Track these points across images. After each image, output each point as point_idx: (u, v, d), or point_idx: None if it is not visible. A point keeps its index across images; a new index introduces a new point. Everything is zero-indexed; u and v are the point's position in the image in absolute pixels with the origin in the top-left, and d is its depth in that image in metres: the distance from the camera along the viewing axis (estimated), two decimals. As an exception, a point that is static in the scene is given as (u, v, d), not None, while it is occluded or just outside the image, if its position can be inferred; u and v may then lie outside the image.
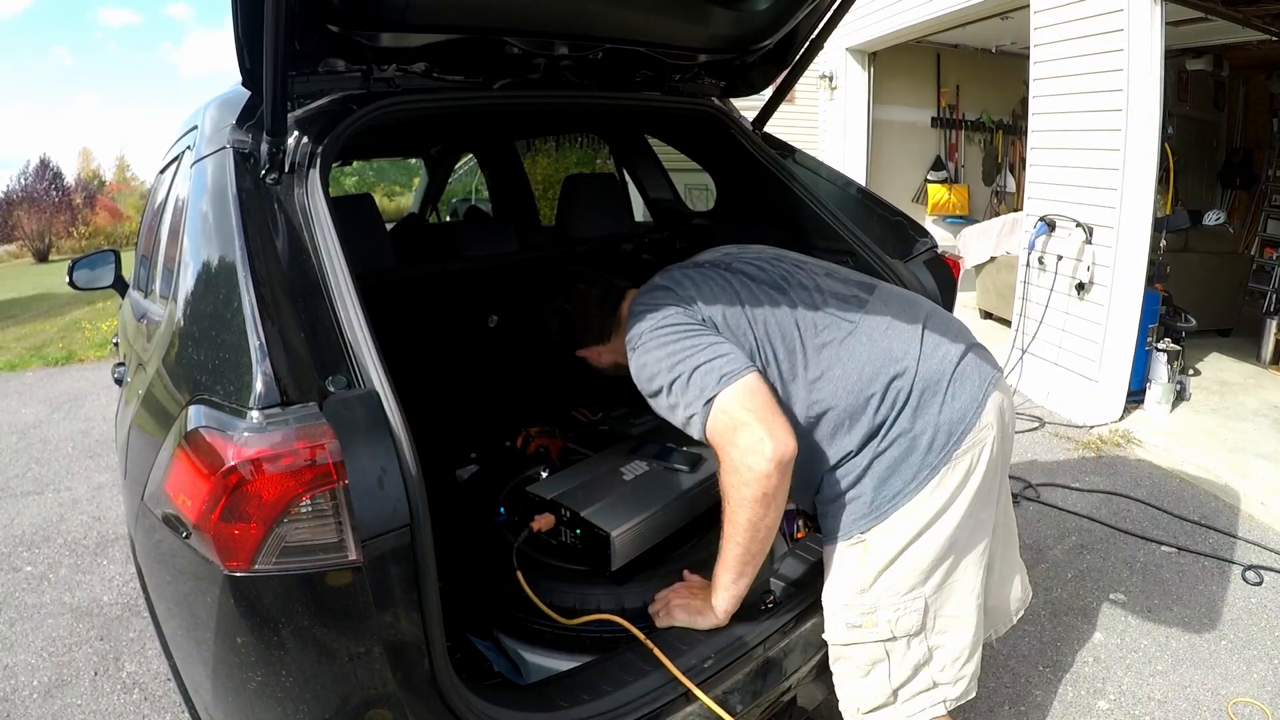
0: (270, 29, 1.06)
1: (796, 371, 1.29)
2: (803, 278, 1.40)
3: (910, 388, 1.25)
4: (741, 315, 1.31)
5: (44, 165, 29.05)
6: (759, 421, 1.15)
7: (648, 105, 1.97)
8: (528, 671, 1.48)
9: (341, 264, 1.14)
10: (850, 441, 1.27)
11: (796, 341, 1.30)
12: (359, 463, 0.95)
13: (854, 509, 1.27)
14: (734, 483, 1.18)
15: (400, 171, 13.29)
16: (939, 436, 1.23)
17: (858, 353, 1.29)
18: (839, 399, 1.27)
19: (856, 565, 1.27)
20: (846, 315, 1.34)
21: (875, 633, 1.27)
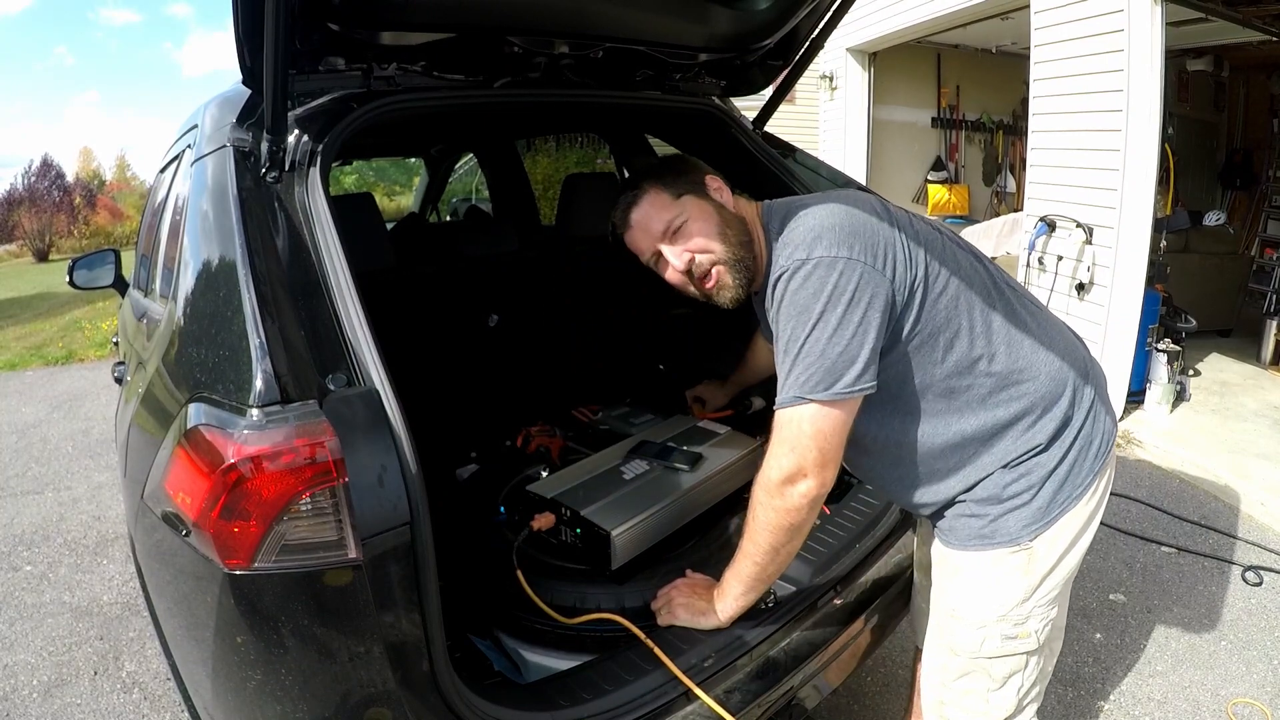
0: (271, 27, 1.06)
1: (995, 345, 1.15)
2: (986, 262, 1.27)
3: (1094, 389, 1.21)
4: (949, 284, 1.14)
5: (45, 165, 29.07)
6: (816, 461, 1.09)
7: (648, 104, 1.97)
8: (528, 671, 1.48)
9: (342, 262, 1.14)
10: (1040, 434, 1.15)
11: (996, 316, 1.16)
12: (359, 461, 0.95)
13: (1025, 514, 1.16)
14: (765, 502, 1.15)
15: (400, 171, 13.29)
16: (1103, 444, 1.20)
17: (1055, 340, 1.21)
18: (1040, 383, 1.16)
19: (1019, 574, 1.18)
20: (1029, 308, 1.25)
21: (1026, 644, 1.21)
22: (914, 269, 1.11)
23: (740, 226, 1.24)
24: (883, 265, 1.08)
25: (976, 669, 1.24)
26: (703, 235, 1.23)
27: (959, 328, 1.14)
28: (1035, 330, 1.20)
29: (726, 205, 1.26)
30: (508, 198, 3.38)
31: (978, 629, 1.22)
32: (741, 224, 1.25)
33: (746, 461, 1.83)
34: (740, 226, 1.24)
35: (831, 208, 1.13)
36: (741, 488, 1.82)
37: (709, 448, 1.83)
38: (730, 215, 1.25)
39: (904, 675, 2.13)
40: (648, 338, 2.59)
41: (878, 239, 1.09)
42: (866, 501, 1.73)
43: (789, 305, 1.09)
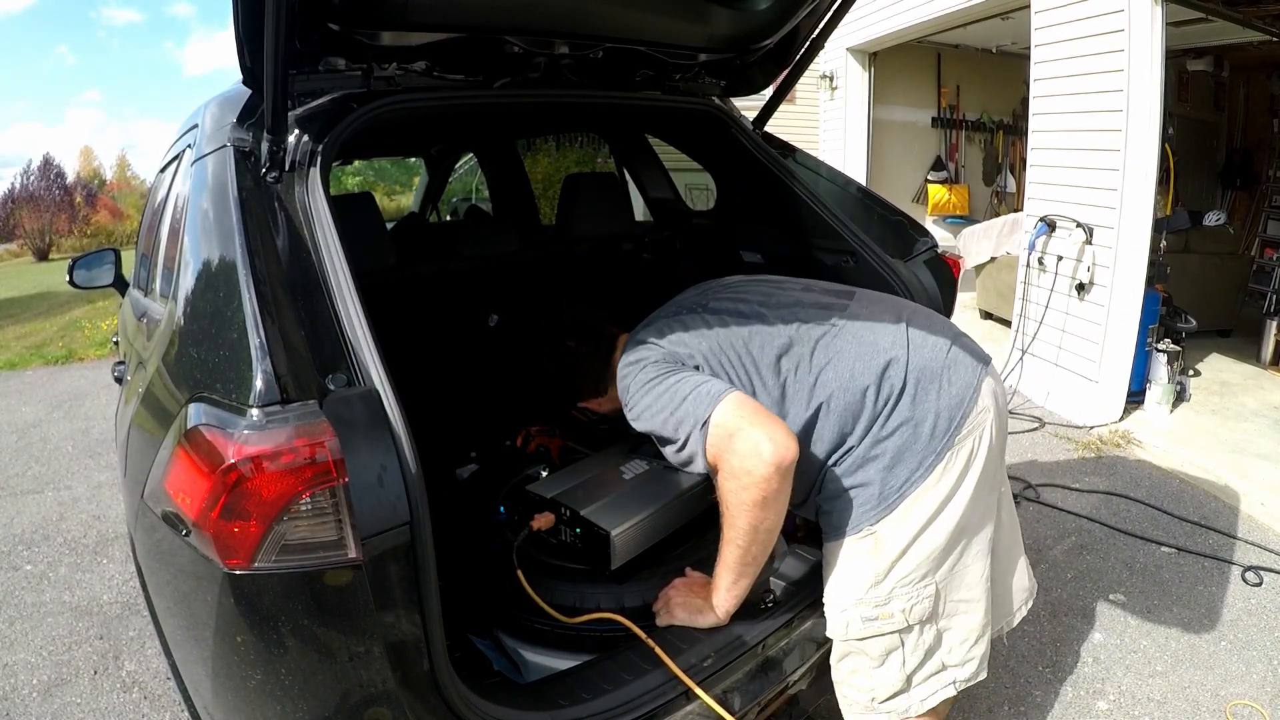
0: (271, 27, 1.06)
1: (789, 382, 1.32)
2: (781, 297, 1.44)
3: (904, 376, 1.27)
4: (726, 349, 1.35)
5: (46, 164, 29.08)
6: (755, 425, 1.16)
7: (648, 104, 1.97)
8: (527, 670, 1.48)
9: (342, 262, 1.14)
10: (851, 435, 1.28)
11: (785, 354, 1.33)
12: (359, 461, 0.95)
13: (861, 501, 1.28)
14: (733, 488, 1.19)
15: (400, 171, 13.29)
16: (940, 422, 1.26)
17: (845, 350, 1.32)
18: (834, 395, 1.29)
19: (867, 558, 1.27)
20: (829, 319, 1.37)
21: (891, 623, 1.28)
22: (701, 350, 1.35)
23: None
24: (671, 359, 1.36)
25: (852, 650, 1.33)
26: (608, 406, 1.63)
27: (761, 379, 1.32)
28: (825, 346, 1.33)
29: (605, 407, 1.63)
30: (508, 198, 3.38)
31: (840, 612, 1.31)
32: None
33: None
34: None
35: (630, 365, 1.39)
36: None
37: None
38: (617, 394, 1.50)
39: (904, 675, 2.13)
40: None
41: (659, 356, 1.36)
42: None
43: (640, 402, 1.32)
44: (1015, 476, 3.37)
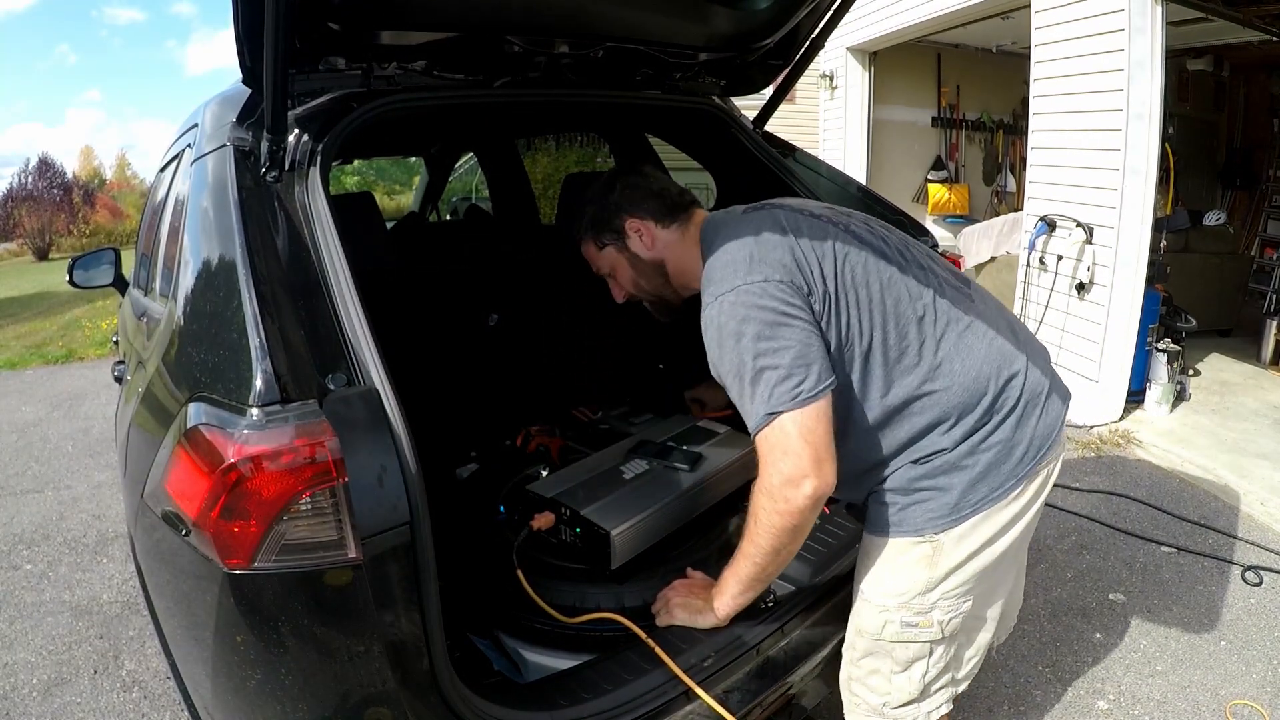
0: (271, 27, 1.06)
1: (907, 356, 1.18)
2: (918, 254, 1.29)
3: (1020, 395, 1.20)
4: (860, 286, 1.18)
5: (45, 164, 29.08)
6: (812, 460, 1.09)
7: (648, 104, 1.97)
8: (527, 670, 1.48)
9: (342, 262, 1.14)
10: (948, 438, 1.19)
11: (912, 325, 1.19)
12: (359, 460, 0.95)
13: (931, 507, 1.20)
14: (767, 506, 1.14)
15: (400, 170, 13.29)
16: (1030, 449, 1.20)
17: (976, 348, 1.21)
18: (952, 393, 1.18)
19: (923, 565, 1.21)
20: (963, 306, 1.25)
21: (928, 633, 1.24)
22: (825, 283, 1.16)
23: (654, 271, 1.40)
24: (796, 280, 1.14)
25: (879, 650, 1.28)
26: (625, 281, 1.45)
27: (873, 339, 1.17)
28: (957, 336, 1.21)
29: (642, 253, 1.39)
30: (508, 197, 3.38)
31: (880, 612, 1.25)
32: (656, 269, 1.40)
33: (746, 461, 1.83)
34: (654, 271, 1.40)
35: (742, 237, 1.19)
36: (742, 487, 1.83)
37: (709, 447, 1.83)
38: (644, 263, 1.40)
39: (904, 675, 2.13)
40: (648, 338, 2.59)
41: (786, 257, 1.16)
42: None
43: (726, 338, 1.13)
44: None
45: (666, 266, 1.39)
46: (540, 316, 2.39)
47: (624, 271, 1.43)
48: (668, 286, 1.42)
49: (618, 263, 1.43)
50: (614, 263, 1.43)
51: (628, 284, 1.45)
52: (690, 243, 1.35)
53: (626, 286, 1.45)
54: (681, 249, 1.37)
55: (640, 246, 1.39)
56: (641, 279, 1.42)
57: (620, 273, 1.44)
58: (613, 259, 1.43)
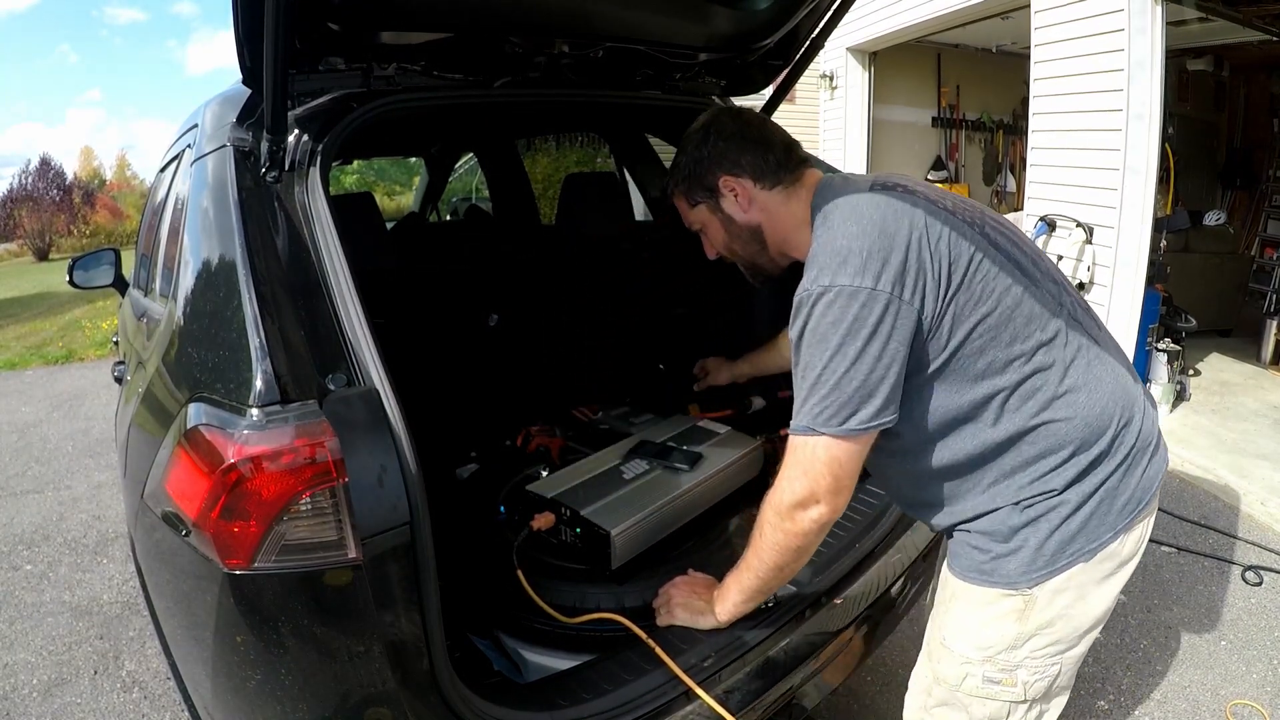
0: (270, 27, 1.06)
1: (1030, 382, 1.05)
2: (1049, 268, 1.15)
3: (1135, 440, 1.09)
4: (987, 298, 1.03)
5: (45, 164, 29.10)
6: (829, 489, 1.05)
7: (648, 104, 1.97)
8: (527, 670, 1.48)
9: (341, 262, 1.14)
10: (1059, 477, 1.06)
11: (1041, 347, 1.05)
12: (359, 460, 0.95)
13: (1027, 557, 1.08)
14: (773, 522, 1.12)
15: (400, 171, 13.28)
16: (1132, 500, 1.09)
17: (1105, 381, 1.08)
18: (1074, 426, 1.05)
19: (1013, 619, 1.10)
20: (1092, 331, 1.12)
21: (1011, 693, 1.14)
22: (950, 293, 1.02)
23: (749, 236, 1.25)
24: (911, 294, 1.00)
25: (955, 702, 1.19)
26: (718, 242, 1.31)
27: (993, 359, 1.04)
28: (1086, 365, 1.07)
29: (737, 215, 1.24)
30: (508, 197, 3.38)
31: (961, 663, 1.16)
32: (752, 233, 1.25)
33: (746, 461, 1.83)
34: (749, 236, 1.25)
35: (864, 224, 1.03)
36: (742, 487, 1.83)
37: (709, 447, 1.82)
38: (739, 227, 1.25)
39: (904, 675, 2.13)
40: (648, 338, 2.59)
41: (909, 263, 1.00)
42: (866, 502, 1.73)
43: (810, 332, 1.03)
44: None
45: (764, 232, 1.24)
46: (540, 316, 2.39)
47: (716, 232, 1.29)
48: (764, 253, 1.27)
49: (710, 222, 1.28)
50: (706, 221, 1.29)
51: (720, 245, 1.31)
52: (797, 208, 1.19)
53: (718, 247, 1.32)
54: (785, 214, 1.21)
55: (735, 208, 1.23)
56: (735, 243, 1.28)
57: (712, 232, 1.30)
58: (704, 217, 1.29)
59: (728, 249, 1.30)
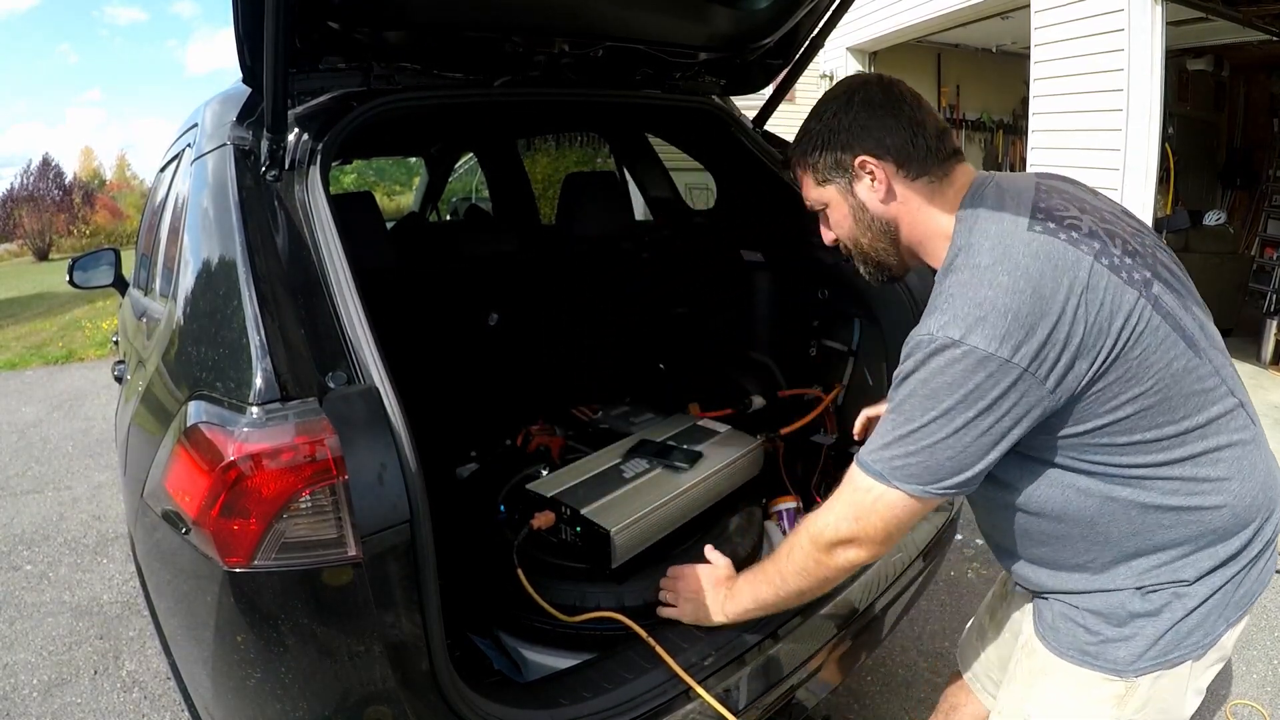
0: (270, 26, 1.06)
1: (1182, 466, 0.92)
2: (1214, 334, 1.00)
3: (1271, 537, 0.99)
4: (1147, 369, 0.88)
5: (46, 164, 29.12)
6: (878, 541, 0.99)
7: (648, 103, 1.97)
8: (527, 669, 1.48)
9: (342, 260, 1.14)
10: (1190, 567, 0.96)
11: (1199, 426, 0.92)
12: (359, 458, 0.95)
13: (1139, 646, 0.97)
14: (807, 547, 1.07)
15: (400, 171, 13.28)
16: (1248, 594, 1.00)
17: (1258, 469, 0.97)
18: (1221, 516, 0.94)
19: (1110, 705, 1.01)
20: (1250, 411, 1.00)
21: None
22: (1099, 371, 0.87)
23: (880, 231, 1.07)
24: (1049, 373, 0.86)
25: None
26: (841, 229, 1.11)
27: (1140, 438, 0.91)
28: (1241, 451, 0.95)
29: (872, 204, 1.04)
30: (508, 197, 3.38)
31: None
32: (885, 229, 1.06)
33: (746, 460, 1.83)
34: (880, 231, 1.07)
35: (1016, 277, 0.87)
36: (742, 486, 1.83)
37: (709, 446, 1.83)
38: (871, 218, 1.06)
39: (904, 675, 2.13)
40: (648, 337, 2.59)
41: (1056, 336, 0.85)
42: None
43: (921, 383, 0.90)
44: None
45: (899, 229, 1.06)
46: (540, 316, 2.39)
47: (842, 218, 1.09)
48: (892, 253, 1.09)
49: (836, 205, 1.08)
50: (831, 204, 1.09)
51: (842, 233, 1.11)
52: (941, 210, 1.01)
53: (840, 234, 1.12)
54: (926, 216, 1.03)
55: (871, 195, 1.04)
56: (862, 234, 1.09)
57: (837, 217, 1.10)
58: (831, 198, 1.08)
59: (852, 240, 1.11)
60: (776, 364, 2.26)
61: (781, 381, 2.23)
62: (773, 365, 2.27)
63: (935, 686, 2.08)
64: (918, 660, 2.20)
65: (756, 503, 1.87)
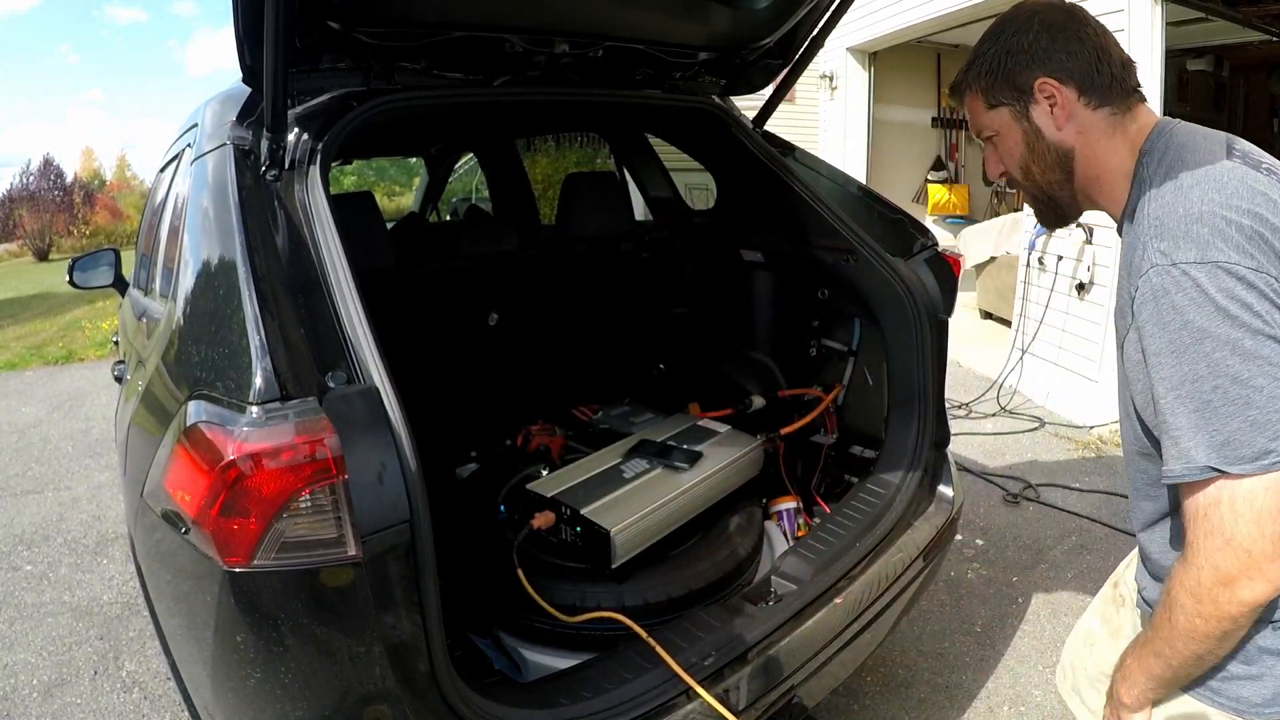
0: (270, 26, 1.06)
1: None
2: None
3: None
4: None
5: (46, 164, 29.13)
6: (1270, 556, 0.75)
7: (648, 103, 1.97)
8: (527, 669, 1.48)
9: (342, 260, 1.14)
10: None
11: None
12: (359, 458, 0.95)
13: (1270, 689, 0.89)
14: (1188, 606, 0.83)
15: (400, 171, 13.28)
16: None
17: None
18: None
19: None
20: None
21: None
22: None
23: (1055, 161, 0.99)
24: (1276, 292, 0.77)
25: None
26: (1010, 158, 1.03)
27: None
28: None
29: (1049, 129, 0.97)
30: (508, 197, 3.38)
31: None
32: (1060, 158, 0.98)
33: (746, 460, 1.83)
34: (1055, 161, 0.99)
35: (1225, 194, 0.80)
36: (742, 486, 1.83)
37: (709, 446, 1.83)
38: (1046, 145, 0.98)
39: (904, 675, 2.13)
40: (648, 338, 2.59)
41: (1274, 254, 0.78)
42: (867, 501, 1.74)
43: (1172, 329, 0.78)
44: (1015, 476, 3.37)
45: (1075, 160, 0.98)
46: (540, 316, 2.39)
47: (1014, 145, 1.01)
48: (1065, 187, 1.01)
49: (1009, 131, 1.01)
50: (1003, 130, 1.01)
51: (1012, 163, 1.03)
52: (1121, 146, 0.94)
53: (1009, 165, 1.04)
54: (1105, 149, 0.95)
55: (1048, 120, 0.97)
56: (1035, 164, 1.01)
57: (1008, 145, 1.02)
58: (1003, 124, 1.01)
59: (1021, 170, 1.02)
60: (776, 364, 2.26)
61: (781, 381, 2.23)
62: (773, 365, 2.27)
63: (935, 687, 2.08)
64: (918, 660, 2.19)
65: (756, 503, 1.87)
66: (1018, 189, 1.07)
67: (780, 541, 1.85)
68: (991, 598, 2.50)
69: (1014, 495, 3.19)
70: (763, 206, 2.13)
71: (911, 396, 1.77)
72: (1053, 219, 1.07)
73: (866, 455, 1.96)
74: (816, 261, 1.97)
